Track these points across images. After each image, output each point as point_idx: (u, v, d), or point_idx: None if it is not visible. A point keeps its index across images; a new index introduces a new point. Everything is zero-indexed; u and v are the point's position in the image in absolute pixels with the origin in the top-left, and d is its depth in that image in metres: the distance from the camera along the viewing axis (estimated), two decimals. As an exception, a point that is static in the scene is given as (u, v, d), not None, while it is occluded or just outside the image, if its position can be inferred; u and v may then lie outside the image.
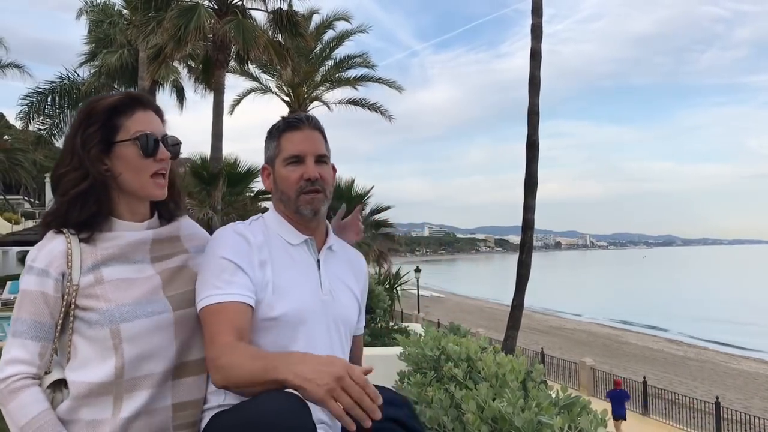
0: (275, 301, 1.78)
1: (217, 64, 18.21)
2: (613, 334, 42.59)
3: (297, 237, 1.92)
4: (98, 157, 1.71)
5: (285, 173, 1.90)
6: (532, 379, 2.48)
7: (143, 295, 1.72)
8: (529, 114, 16.03)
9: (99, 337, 1.66)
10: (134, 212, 1.80)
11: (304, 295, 1.84)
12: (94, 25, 26.39)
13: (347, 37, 25.92)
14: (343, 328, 1.93)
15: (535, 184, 15.97)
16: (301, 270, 1.88)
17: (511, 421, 1.90)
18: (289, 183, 1.89)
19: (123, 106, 1.75)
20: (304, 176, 1.87)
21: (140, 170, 1.74)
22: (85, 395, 1.64)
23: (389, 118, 26.60)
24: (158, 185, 1.77)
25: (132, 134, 1.72)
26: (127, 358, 1.65)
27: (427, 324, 4.04)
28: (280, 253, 1.87)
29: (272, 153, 1.95)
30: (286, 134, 1.93)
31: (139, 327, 1.68)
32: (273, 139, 1.96)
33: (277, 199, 1.96)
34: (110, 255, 1.72)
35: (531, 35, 16.36)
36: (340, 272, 2.00)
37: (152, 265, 1.78)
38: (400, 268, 21.90)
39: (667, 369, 28.85)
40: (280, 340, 1.77)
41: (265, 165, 1.99)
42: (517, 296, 15.67)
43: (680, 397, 17.75)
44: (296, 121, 1.94)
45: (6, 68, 28.14)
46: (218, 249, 1.79)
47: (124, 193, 1.76)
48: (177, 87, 27.81)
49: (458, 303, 61.84)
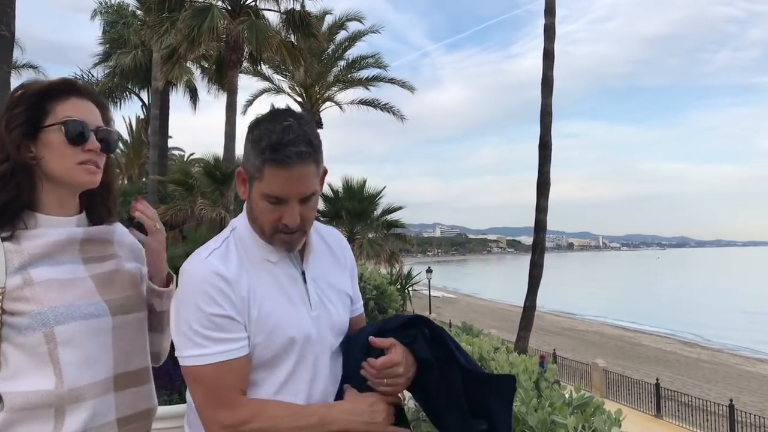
0: (265, 340, 1.63)
1: (230, 65, 18.29)
2: (625, 336, 42.35)
3: (275, 253, 1.71)
4: (20, 140, 1.58)
5: (262, 207, 1.64)
6: (545, 379, 2.48)
7: (78, 297, 1.59)
8: (542, 114, 16.01)
9: (31, 343, 1.51)
10: (62, 204, 1.66)
11: (295, 321, 1.67)
12: (108, 26, 26.60)
13: (360, 37, 25.99)
14: (339, 336, 1.80)
15: (547, 185, 15.94)
16: (285, 290, 1.70)
17: (525, 421, 1.90)
18: (265, 218, 1.65)
19: (55, 91, 1.63)
20: (282, 221, 1.63)
21: (65, 157, 1.60)
22: (22, 407, 1.50)
23: (401, 119, 26.66)
24: (87, 171, 1.63)
25: (60, 119, 1.60)
26: (65, 364, 1.52)
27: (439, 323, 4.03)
28: (260, 274, 1.68)
29: (252, 171, 1.63)
30: (272, 168, 1.58)
31: (75, 329, 1.55)
32: (256, 155, 1.60)
33: (251, 219, 1.71)
34: (37, 255, 1.57)
35: (544, 35, 16.34)
36: (328, 274, 1.83)
37: (84, 266, 1.65)
38: (412, 269, 21.82)
39: (680, 371, 28.64)
40: (279, 377, 1.66)
41: (241, 169, 1.69)
42: (529, 297, 15.65)
43: (694, 400, 17.61)
44: (287, 157, 1.56)
45: (22, 69, 28.29)
46: (198, 297, 1.58)
47: (50, 181, 1.62)
48: (190, 87, 27.97)
49: (470, 304, 61.70)
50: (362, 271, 7.47)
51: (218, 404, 1.55)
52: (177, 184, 19.56)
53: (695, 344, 40.43)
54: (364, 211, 24.87)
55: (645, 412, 17.92)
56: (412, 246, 38.27)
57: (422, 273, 30.01)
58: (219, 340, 1.56)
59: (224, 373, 1.56)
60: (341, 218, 24.93)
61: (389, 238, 24.60)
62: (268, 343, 1.62)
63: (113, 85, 25.78)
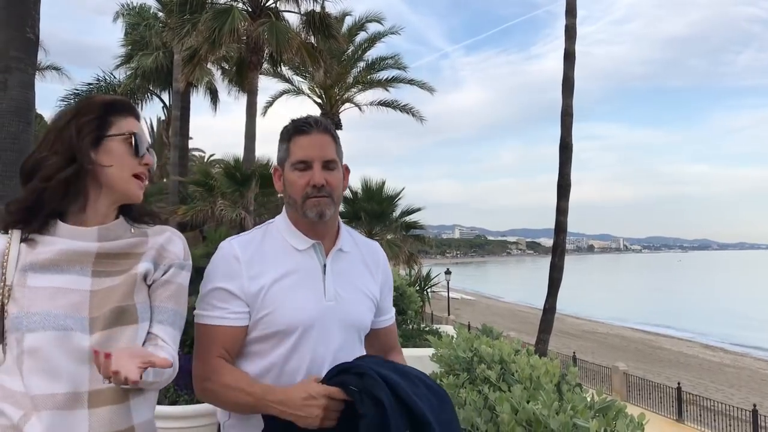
0: (270, 315, 1.84)
1: (250, 66, 18.39)
2: (646, 339, 41.93)
3: (304, 242, 1.94)
4: (89, 146, 1.65)
5: (293, 178, 1.91)
6: (566, 382, 2.45)
7: (61, 308, 1.57)
8: (562, 115, 15.90)
9: (10, 344, 1.56)
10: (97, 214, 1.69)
11: (306, 303, 1.86)
12: (130, 28, 26.82)
13: (379, 38, 25.99)
14: (354, 331, 1.96)
15: (568, 187, 15.83)
16: (302, 277, 1.90)
17: (546, 424, 1.88)
18: (296, 188, 1.90)
19: (119, 107, 1.74)
20: (311, 183, 1.88)
21: (124, 167, 1.69)
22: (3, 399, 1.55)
23: (421, 120, 26.62)
24: (139, 185, 1.72)
25: (123, 131, 1.70)
26: (26, 371, 1.53)
27: (459, 326, 4.02)
28: (281, 260, 1.90)
29: (282, 156, 1.96)
30: (295, 138, 1.93)
31: (43, 339, 1.53)
32: (284, 142, 1.96)
33: (286, 203, 1.97)
34: (42, 261, 1.60)
35: (565, 36, 16.24)
36: (352, 273, 2.00)
37: (92, 279, 1.63)
38: (431, 270, 21.85)
39: (702, 375, 28.29)
40: (281, 351, 1.86)
41: (276, 167, 2.01)
42: (549, 299, 15.54)
43: (716, 404, 17.38)
44: (305, 125, 1.93)
45: (45, 70, 28.70)
46: (212, 274, 1.89)
47: (100, 189, 1.68)
48: (211, 89, 28.16)
49: (489, 306, 61.47)
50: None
51: (198, 357, 1.86)
52: (197, 184, 19.68)
53: (718, 348, 39.92)
54: (383, 213, 24.84)
55: (666, 417, 17.71)
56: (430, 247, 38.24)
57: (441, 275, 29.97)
58: (216, 308, 1.84)
59: (212, 334, 1.84)
60: (360, 219, 24.93)
61: (408, 239, 24.54)
62: (271, 320, 1.84)
63: (135, 87, 25.99)
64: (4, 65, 8.43)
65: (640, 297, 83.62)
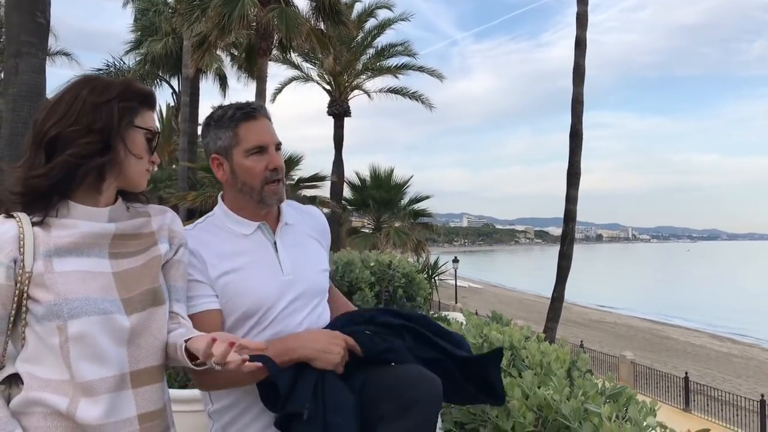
0: (235, 298, 1.87)
1: (259, 52, 18.36)
2: (654, 329, 41.87)
3: (249, 226, 1.97)
4: (123, 133, 1.62)
5: (248, 164, 1.91)
6: (577, 368, 2.45)
7: (96, 291, 1.57)
8: (573, 103, 15.84)
9: (45, 333, 1.52)
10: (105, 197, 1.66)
11: (264, 283, 1.91)
12: (139, 14, 26.86)
13: (389, 25, 25.92)
14: (316, 298, 2.01)
15: (578, 175, 15.79)
16: (256, 258, 1.93)
17: (558, 409, 1.88)
18: (254, 173, 1.91)
19: (151, 99, 1.72)
20: (269, 166, 1.91)
21: (141, 161, 1.68)
22: (40, 389, 1.52)
23: (430, 107, 26.57)
24: (146, 178, 1.73)
25: (148, 126, 1.69)
26: (74, 359, 1.52)
27: (468, 312, 4.02)
28: (232, 247, 1.92)
29: (228, 143, 1.93)
30: (245, 124, 1.92)
31: (88, 325, 1.53)
32: (226, 129, 1.94)
33: (237, 190, 1.96)
34: (64, 245, 1.57)
35: (576, 23, 16.15)
36: (302, 244, 2.04)
37: (110, 261, 1.63)
38: (438, 258, 21.80)
39: (710, 365, 28.26)
40: (252, 332, 1.90)
41: (215, 155, 1.98)
42: (557, 288, 15.56)
43: (724, 394, 17.38)
44: (252, 110, 1.94)
45: (55, 56, 28.72)
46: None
47: (114, 176, 1.65)
48: (220, 75, 28.15)
49: (496, 294, 61.49)
50: (391, 259, 7.46)
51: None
52: (206, 170, 19.63)
53: (726, 338, 39.82)
54: (391, 200, 24.86)
55: (673, 406, 17.72)
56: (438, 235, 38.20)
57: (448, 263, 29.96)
58: (195, 297, 1.84)
59: (203, 320, 1.81)
60: (368, 207, 24.96)
61: (416, 227, 24.57)
62: (235, 303, 1.87)
63: (144, 73, 26.03)
64: (15, 49, 8.45)
65: (648, 287, 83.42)
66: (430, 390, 1.71)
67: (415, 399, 1.68)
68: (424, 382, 1.72)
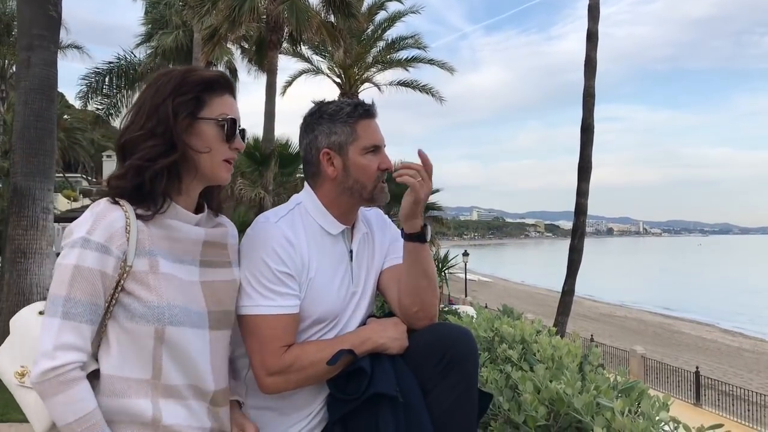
0: (311, 304, 1.86)
1: (270, 45, 18.34)
2: (665, 323, 41.72)
3: (336, 227, 1.94)
4: (185, 129, 1.58)
5: (364, 162, 1.90)
6: (589, 363, 2.44)
7: (191, 303, 1.58)
8: (584, 96, 15.75)
9: (139, 332, 1.51)
10: (189, 198, 1.66)
11: (337, 294, 1.91)
12: (150, 7, 26.85)
13: (399, 18, 25.80)
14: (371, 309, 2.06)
15: (589, 169, 15.71)
16: (334, 264, 1.93)
17: (570, 403, 1.87)
18: (369, 173, 1.90)
19: (216, 84, 1.64)
20: (381, 166, 1.92)
21: (216, 152, 1.62)
22: (122, 393, 1.51)
23: (440, 100, 26.47)
24: (228, 169, 1.66)
25: (217, 115, 1.62)
26: (165, 363, 1.53)
27: (478, 306, 4.01)
28: (318, 246, 1.90)
29: (342, 139, 1.88)
30: (363, 122, 1.91)
31: (182, 335, 1.54)
32: (343, 124, 1.89)
33: (344, 187, 1.90)
34: (164, 246, 1.57)
35: (588, 16, 16.03)
36: (371, 255, 2.05)
37: (199, 269, 1.64)
38: (448, 252, 21.78)
39: (721, 360, 28.14)
40: (319, 334, 1.91)
41: (327, 149, 1.89)
42: (567, 282, 15.48)
43: (735, 389, 17.30)
44: (371, 108, 1.94)
45: (66, 49, 28.84)
46: (266, 254, 1.79)
47: (192, 174, 1.63)
48: (230, 68, 28.11)
49: (506, 288, 61.42)
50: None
51: (267, 352, 1.77)
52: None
53: (737, 333, 39.61)
54: (401, 194, 24.78)
55: (684, 401, 17.67)
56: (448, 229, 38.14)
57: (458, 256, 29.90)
58: (281, 294, 1.78)
59: (276, 325, 1.77)
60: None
61: (426, 220, 24.54)
62: (309, 309, 1.85)
63: (155, 65, 26.02)
64: (27, 42, 8.48)
65: (659, 281, 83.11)
66: (468, 343, 1.84)
67: (458, 357, 1.79)
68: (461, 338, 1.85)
